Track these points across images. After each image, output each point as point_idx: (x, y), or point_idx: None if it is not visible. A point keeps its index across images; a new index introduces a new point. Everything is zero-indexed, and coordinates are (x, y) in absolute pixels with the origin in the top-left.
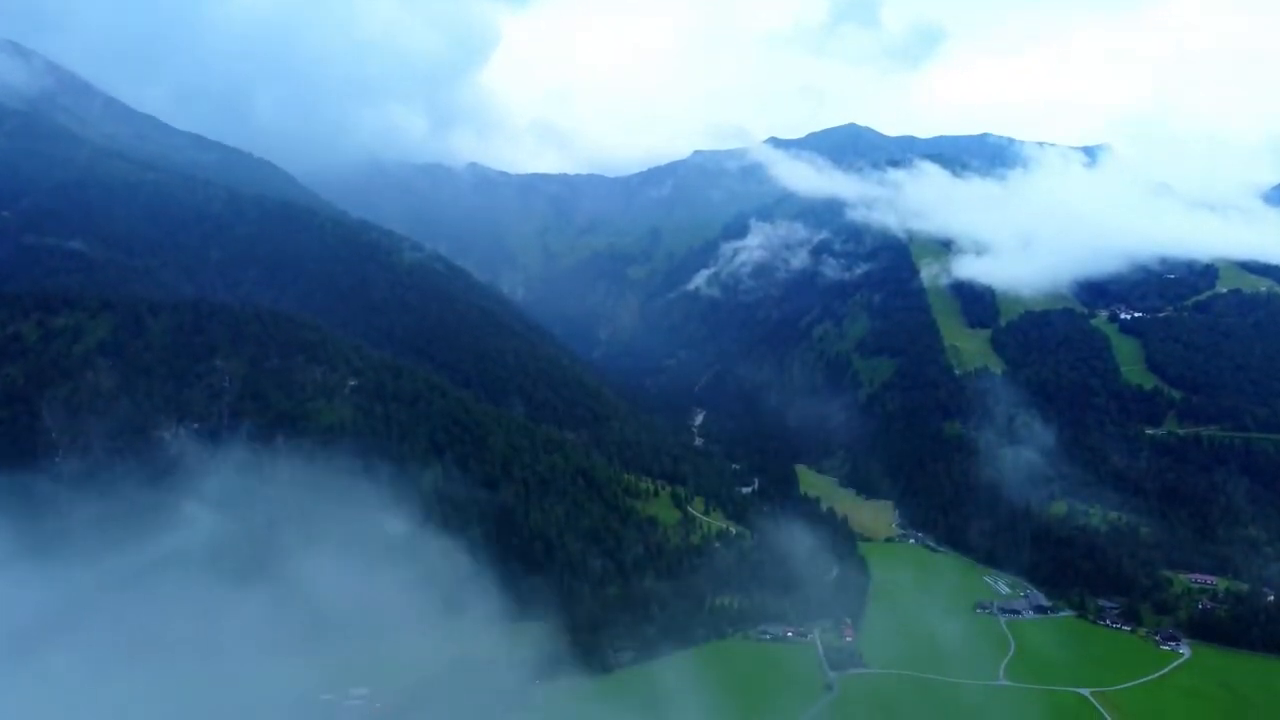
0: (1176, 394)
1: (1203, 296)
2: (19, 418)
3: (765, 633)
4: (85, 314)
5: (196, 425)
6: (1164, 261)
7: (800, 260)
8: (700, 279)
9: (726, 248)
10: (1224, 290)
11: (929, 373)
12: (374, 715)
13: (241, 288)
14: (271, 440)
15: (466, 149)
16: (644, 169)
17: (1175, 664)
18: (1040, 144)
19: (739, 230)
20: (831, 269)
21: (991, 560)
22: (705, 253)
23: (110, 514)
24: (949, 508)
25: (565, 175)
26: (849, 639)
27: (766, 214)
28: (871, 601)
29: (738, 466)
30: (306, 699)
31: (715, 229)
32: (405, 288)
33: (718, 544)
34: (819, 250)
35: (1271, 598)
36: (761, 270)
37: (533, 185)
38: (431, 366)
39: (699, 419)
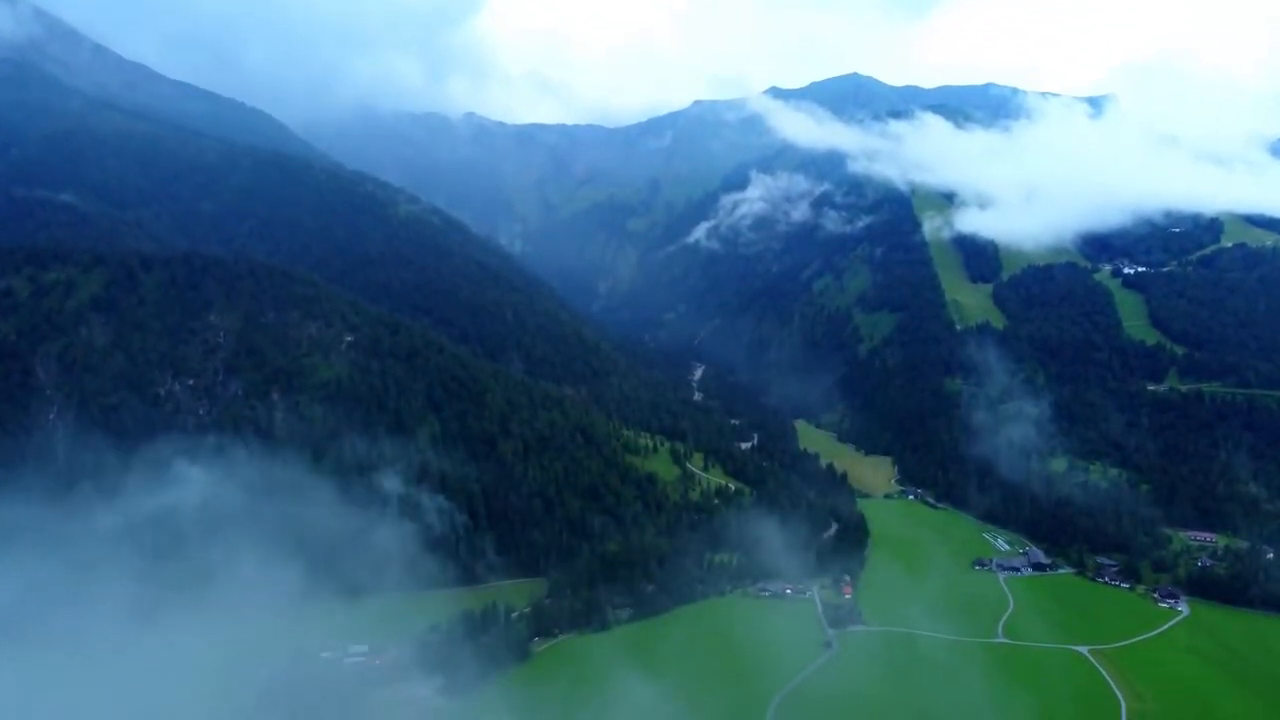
0: (1179, 350)
1: (1207, 251)
2: (12, 374)
3: (764, 590)
4: (77, 269)
5: (191, 381)
6: (1168, 215)
7: (801, 213)
8: (700, 231)
9: (726, 200)
10: (1229, 244)
11: (930, 328)
12: (373, 672)
13: (235, 241)
14: (267, 396)
15: (463, 98)
16: (643, 119)
17: (1174, 621)
18: (1044, 94)
19: (739, 182)
20: (832, 222)
21: (990, 517)
22: (705, 205)
23: (106, 468)
24: (948, 464)
25: (564, 125)
26: (848, 596)
27: (767, 166)
28: (870, 558)
29: (737, 422)
30: (306, 655)
31: (715, 181)
32: (401, 241)
33: (717, 500)
34: (820, 203)
35: (1271, 555)
36: (762, 223)
37: (531, 135)
38: (429, 321)
39: (698, 373)
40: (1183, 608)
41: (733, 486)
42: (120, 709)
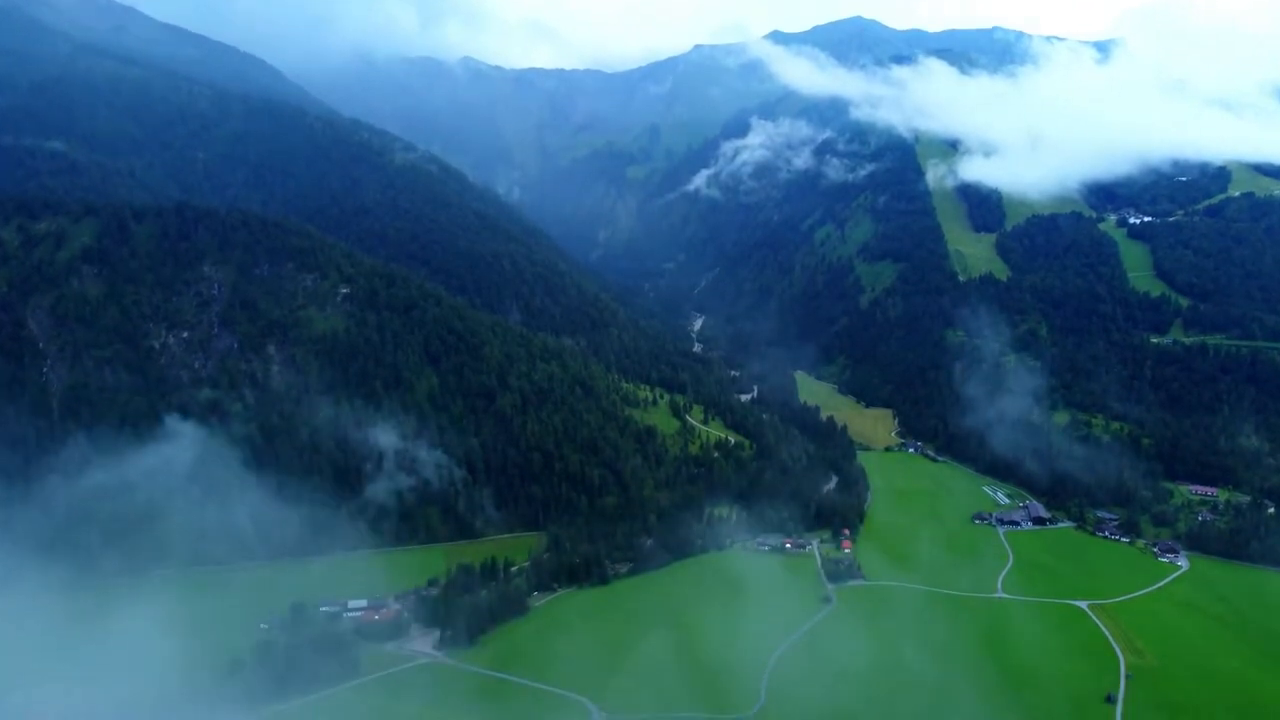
0: (1184, 301)
1: (1214, 200)
2: (4, 326)
3: (764, 544)
4: (68, 219)
5: (185, 334)
6: (1176, 163)
7: (803, 160)
8: (700, 179)
9: (727, 147)
10: (1236, 194)
11: (932, 279)
12: (372, 626)
13: (229, 190)
14: (262, 349)
15: (459, 43)
16: (643, 65)
17: (1173, 576)
18: (1050, 39)
19: (740, 129)
20: (834, 170)
21: (991, 470)
22: (705, 152)
23: (100, 422)
24: (949, 417)
25: (562, 70)
26: (847, 550)
27: (768, 112)
28: (870, 512)
29: (737, 374)
30: (306, 610)
31: (715, 127)
32: (398, 190)
33: (716, 454)
34: (822, 150)
35: (1272, 510)
36: (762, 170)
37: (529, 81)
38: (425, 272)
39: (698, 324)
40: (1182, 562)
41: (732, 440)
42: (118, 660)
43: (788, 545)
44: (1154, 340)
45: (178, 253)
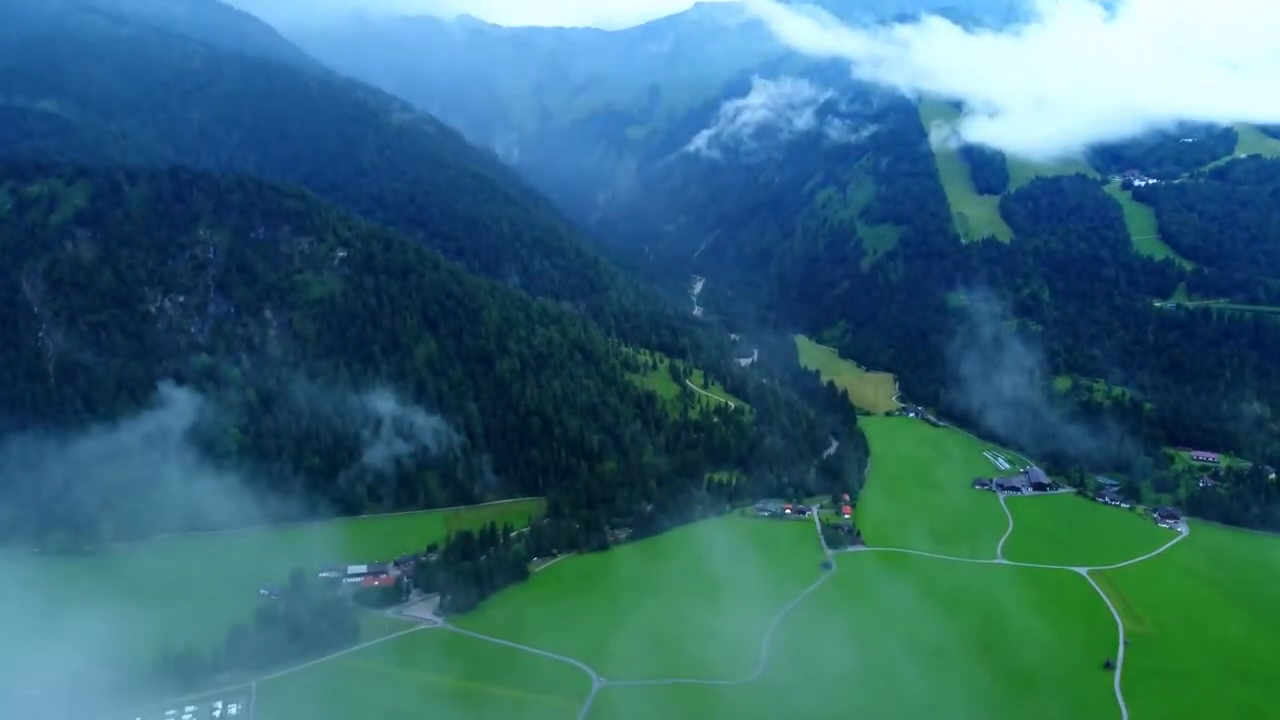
0: (1188, 265)
1: (1220, 162)
2: None
3: (763, 510)
4: (61, 181)
5: (181, 298)
6: (1181, 124)
7: (804, 121)
8: (701, 140)
9: (728, 107)
10: (1243, 156)
11: (934, 242)
12: (372, 592)
13: (223, 151)
14: (259, 314)
15: (457, 0)
16: (643, 23)
17: (1173, 542)
18: None
19: (741, 88)
20: (836, 131)
21: (992, 436)
22: (706, 112)
23: (96, 387)
24: (950, 382)
25: (561, 29)
26: (847, 516)
27: (769, 72)
28: (870, 477)
29: (737, 337)
30: (306, 576)
31: (716, 87)
32: (394, 151)
33: (716, 419)
34: (824, 111)
35: (1273, 476)
36: (764, 131)
37: (527, 39)
38: (423, 235)
39: (698, 287)
40: (1182, 528)
41: (732, 405)
42: (119, 627)
43: (787, 511)
44: (1157, 305)
45: (172, 216)
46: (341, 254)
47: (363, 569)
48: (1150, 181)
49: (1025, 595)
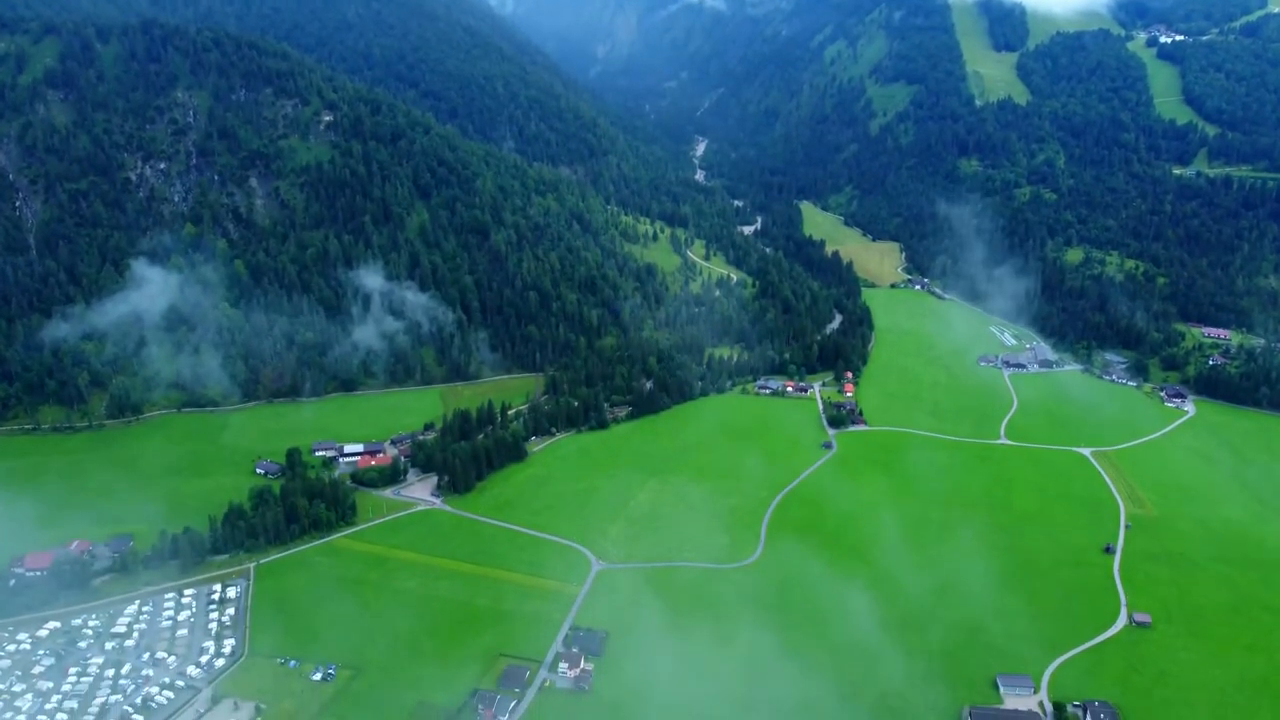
0: (1211, 130)
1: (1253, 17)
2: None
3: (765, 387)
4: (27, 39)
5: (163, 165)
6: None
7: None
8: None
9: None
10: (1277, 9)
11: (948, 103)
12: (368, 471)
13: (201, 4)
14: (244, 182)
15: None
16: None
17: (1179, 422)
18: None
19: None
20: None
21: (999, 310)
22: None
23: (77, 258)
24: (958, 253)
25: None
26: (849, 394)
27: None
28: (874, 353)
29: (740, 204)
30: (301, 454)
31: None
32: (382, 3)
33: (718, 292)
34: None
35: None
36: None
37: None
38: (413, 95)
39: (700, 149)
40: (1189, 407)
41: (734, 277)
42: (117, 510)
43: (789, 389)
44: (1176, 172)
45: (148, 76)
46: (327, 118)
47: (359, 448)
48: (1176, 38)
49: (1028, 476)
